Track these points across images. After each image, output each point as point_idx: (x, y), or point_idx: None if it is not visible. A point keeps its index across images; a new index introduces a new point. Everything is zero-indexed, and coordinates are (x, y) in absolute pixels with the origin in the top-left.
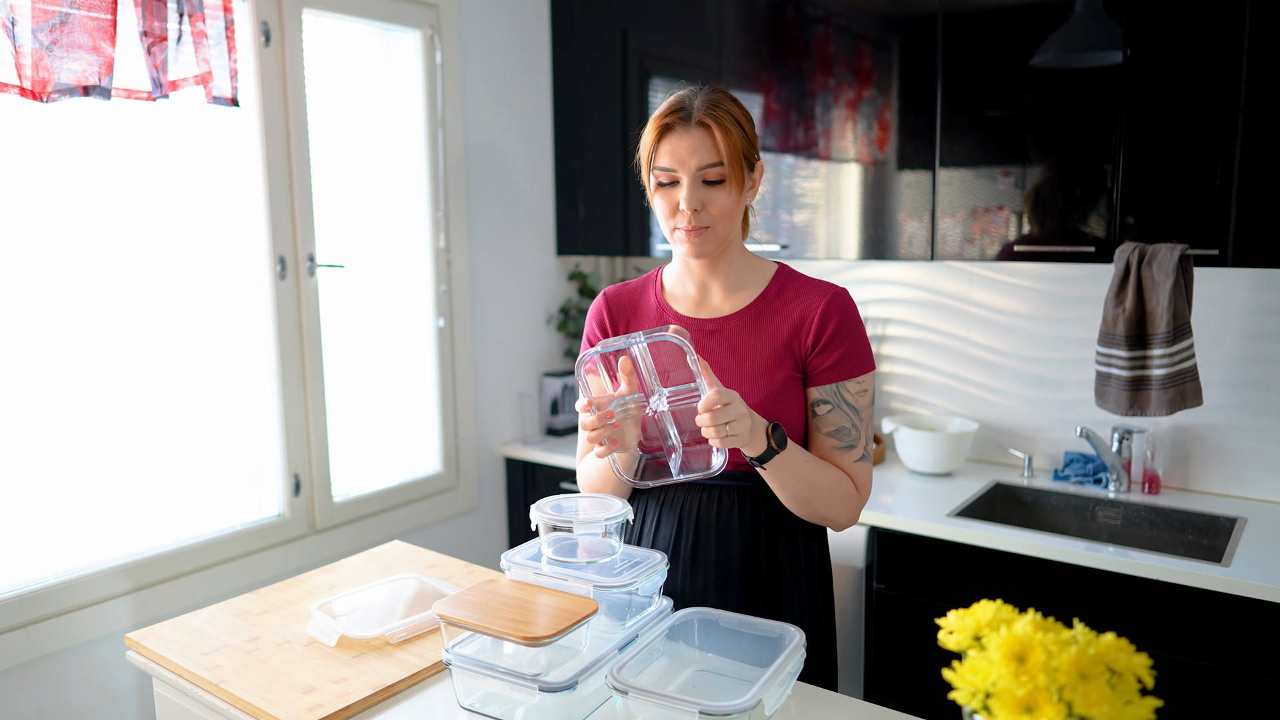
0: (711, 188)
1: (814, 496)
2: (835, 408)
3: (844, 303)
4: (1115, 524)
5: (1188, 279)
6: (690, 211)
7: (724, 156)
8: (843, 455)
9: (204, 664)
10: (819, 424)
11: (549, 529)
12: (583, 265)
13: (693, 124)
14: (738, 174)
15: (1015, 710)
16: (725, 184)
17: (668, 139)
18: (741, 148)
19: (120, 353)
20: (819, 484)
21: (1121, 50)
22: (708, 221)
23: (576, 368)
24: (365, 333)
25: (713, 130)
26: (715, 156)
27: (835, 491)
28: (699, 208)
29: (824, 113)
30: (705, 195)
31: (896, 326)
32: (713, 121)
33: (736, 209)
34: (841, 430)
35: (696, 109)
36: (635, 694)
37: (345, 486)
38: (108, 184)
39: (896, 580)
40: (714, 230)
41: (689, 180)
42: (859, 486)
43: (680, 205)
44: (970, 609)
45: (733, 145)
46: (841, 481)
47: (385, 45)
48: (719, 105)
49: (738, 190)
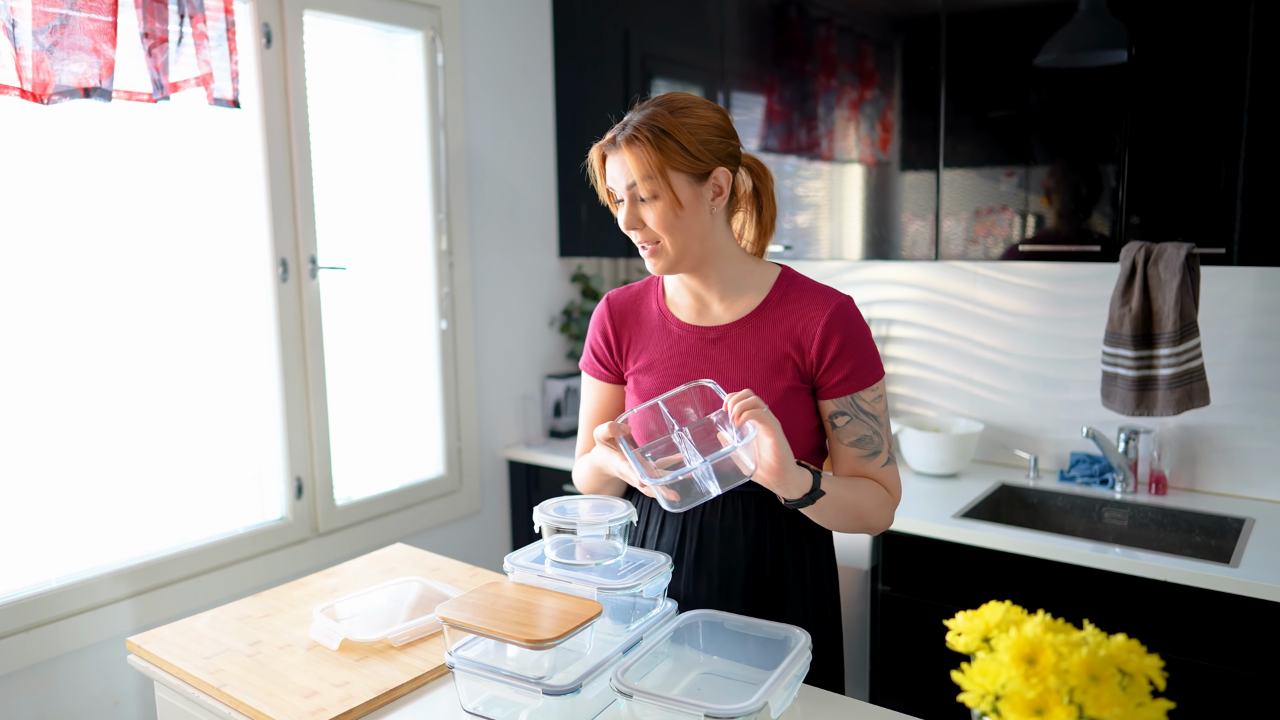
0: (646, 205)
1: (856, 520)
2: (853, 418)
3: (847, 315)
4: (1122, 525)
5: (1194, 278)
6: (630, 230)
7: (637, 176)
8: (869, 463)
9: (206, 668)
10: (840, 435)
11: (552, 531)
12: (585, 267)
13: (618, 146)
14: (663, 189)
15: (1025, 713)
16: (657, 200)
17: (606, 164)
18: (665, 162)
19: (122, 355)
20: (859, 507)
21: (1126, 49)
22: (654, 238)
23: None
24: (367, 335)
25: (625, 151)
26: (631, 177)
27: (874, 509)
28: (638, 226)
29: (827, 114)
30: (640, 212)
31: (901, 327)
32: (625, 143)
33: (679, 224)
34: (864, 439)
35: (623, 131)
36: (640, 697)
37: (348, 489)
38: (109, 186)
39: (902, 582)
40: (664, 246)
41: (627, 199)
42: (891, 490)
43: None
44: (979, 610)
45: (649, 161)
46: (877, 494)
47: (387, 47)
48: (649, 120)
49: (671, 205)
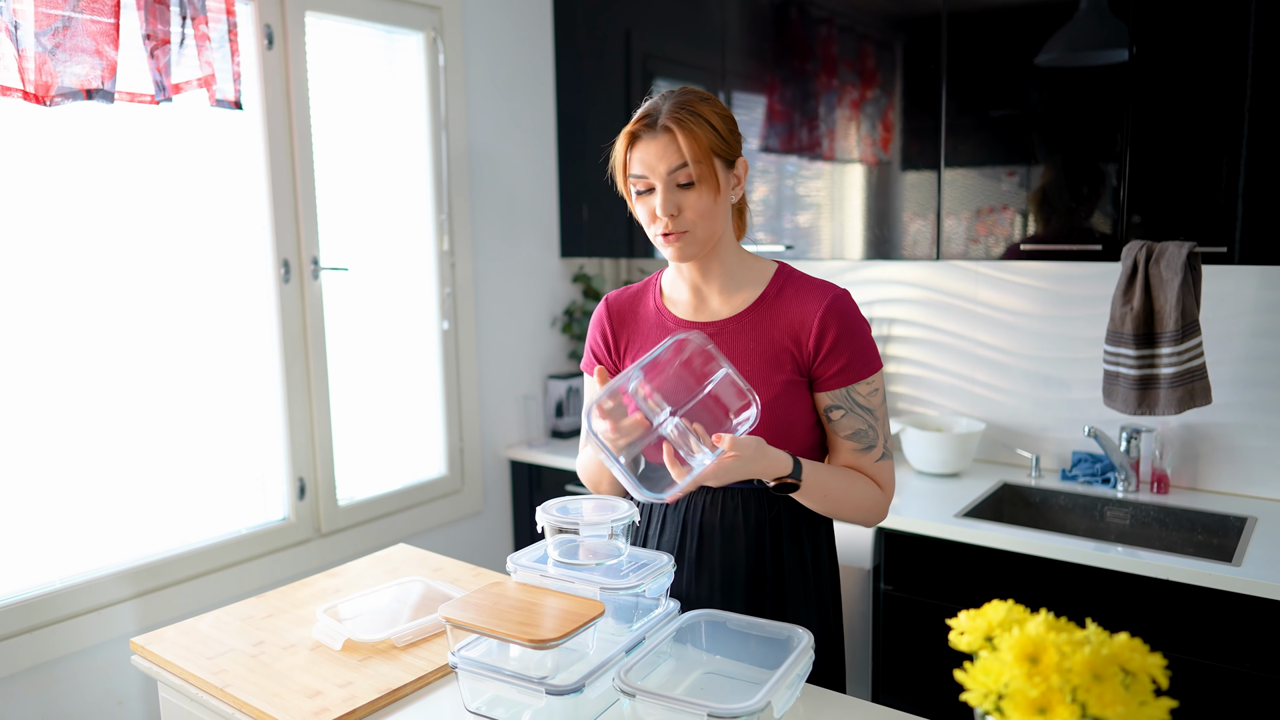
0: (685, 190)
1: (841, 509)
2: (849, 412)
3: (843, 306)
4: (1124, 524)
5: (1196, 277)
6: (667, 217)
7: (690, 158)
8: (863, 456)
9: (209, 668)
10: (836, 428)
11: (555, 531)
12: (587, 267)
13: (658, 129)
14: (709, 174)
15: (1029, 712)
16: (697, 185)
17: (637, 147)
18: (712, 146)
19: (124, 356)
20: (845, 497)
21: (1127, 48)
22: (686, 225)
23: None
24: (369, 335)
25: (676, 134)
26: (681, 159)
27: (862, 502)
28: (675, 213)
29: (828, 113)
30: (680, 199)
31: (902, 327)
32: (675, 125)
33: (714, 209)
34: (859, 433)
35: (663, 114)
36: (643, 696)
37: (350, 490)
38: (111, 187)
39: (904, 581)
40: (693, 234)
41: (662, 186)
42: (883, 486)
43: (657, 212)
44: (982, 609)
45: (699, 146)
46: (866, 489)
47: (388, 48)
48: (686, 107)
49: (712, 191)
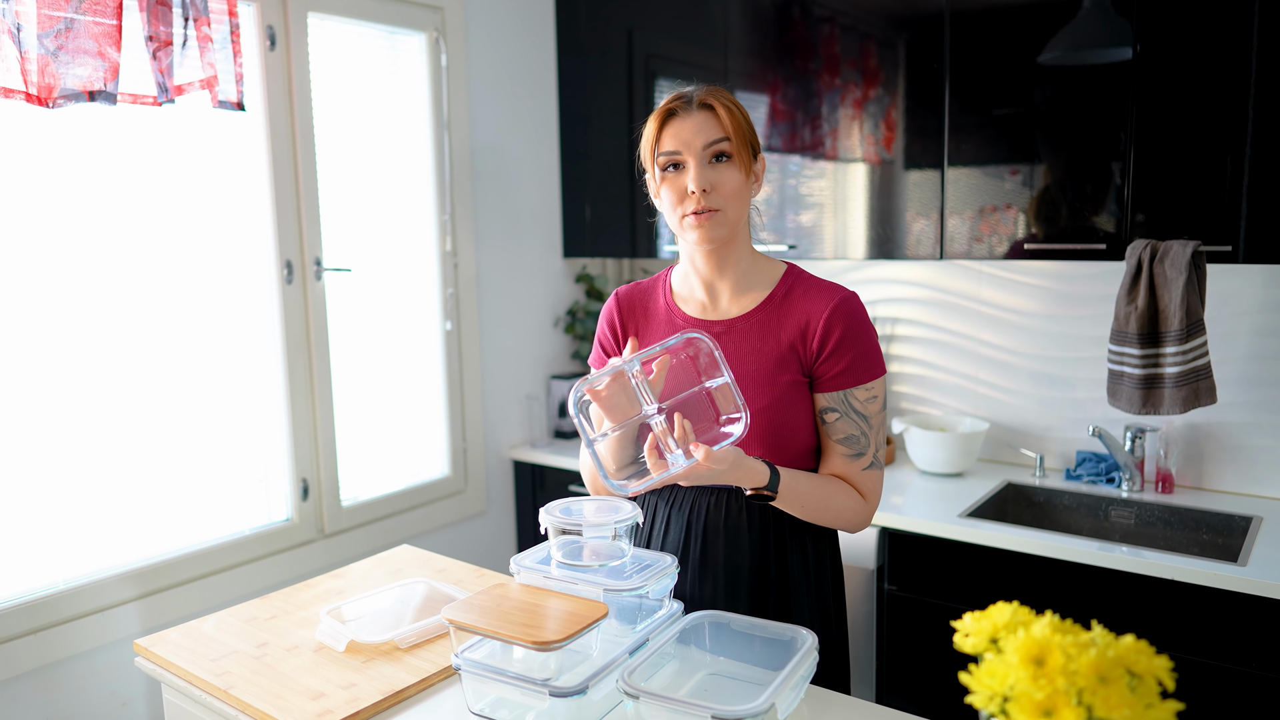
0: (719, 167)
1: (821, 518)
2: (843, 415)
3: (850, 308)
4: (1129, 524)
5: (1200, 276)
6: (699, 192)
7: (729, 132)
8: (851, 463)
9: (213, 670)
10: (829, 431)
11: (558, 532)
12: (590, 267)
13: (695, 107)
14: (744, 152)
15: (1034, 714)
16: (733, 161)
17: (670, 124)
18: (745, 128)
19: (128, 358)
20: (825, 507)
21: (1131, 46)
22: (718, 203)
23: (575, 406)
24: (372, 336)
25: (716, 109)
26: (721, 133)
27: (842, 512)
28: (708, 188)
29: (830, 112)
30: (714, 176)
31: (906, 326)
32: (714, 100)
33: (744, 191)
34: (850, 438)
35: (697, 95)
36: (647, 698)
37: (353, 491)
38: (114, 189)
39: (908, 581)
40: (724, 213)
41: (695, 160)
42: (867, 495)
43: (689, 187)
44: (986, 611)
45: (737, 123)
46: (847, 499)
47: (390, 48)
48: (718, 93)
49: (744, 170)
